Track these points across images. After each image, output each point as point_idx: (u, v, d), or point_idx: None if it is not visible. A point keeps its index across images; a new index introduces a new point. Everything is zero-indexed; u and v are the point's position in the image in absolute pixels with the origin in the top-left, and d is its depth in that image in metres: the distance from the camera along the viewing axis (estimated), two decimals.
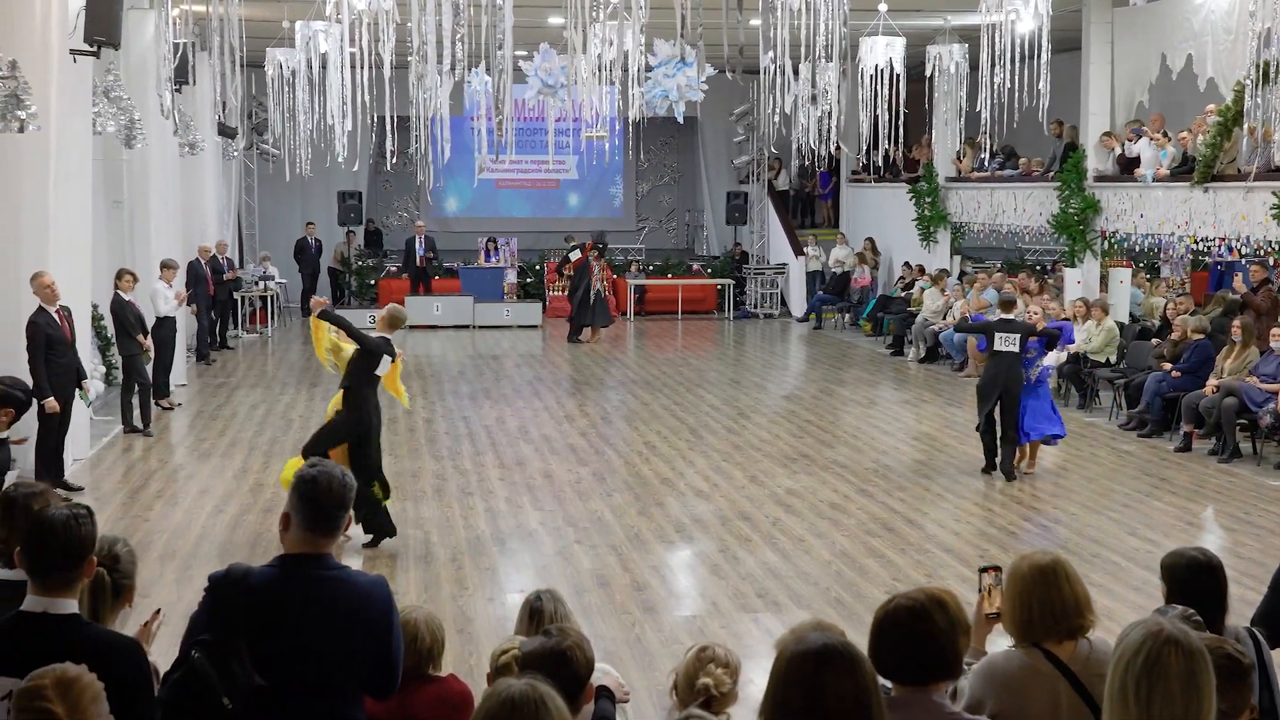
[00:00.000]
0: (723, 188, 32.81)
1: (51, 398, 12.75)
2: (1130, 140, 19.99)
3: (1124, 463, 15.04)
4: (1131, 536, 11.87)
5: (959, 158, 25.54)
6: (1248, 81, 15.15)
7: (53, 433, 12.85)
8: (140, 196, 18.98)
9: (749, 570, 10.81)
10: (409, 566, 10.89)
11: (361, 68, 14.15)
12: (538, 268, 30.54)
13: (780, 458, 15.11)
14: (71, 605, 4.25)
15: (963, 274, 24.86)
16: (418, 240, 28.79)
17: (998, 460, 14.09)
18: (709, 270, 31.46)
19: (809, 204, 33.77)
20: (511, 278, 29.65)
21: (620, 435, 16.60)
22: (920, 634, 3.89)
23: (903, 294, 25.54)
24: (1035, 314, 15.61)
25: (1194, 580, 4.95)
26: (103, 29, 13.45)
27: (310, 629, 4.39)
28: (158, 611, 5.14)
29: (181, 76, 17.36)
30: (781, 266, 30.78)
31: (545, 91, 15.54)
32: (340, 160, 15.27)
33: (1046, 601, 4.40)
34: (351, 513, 4.60)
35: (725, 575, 10.72)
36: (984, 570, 4.75)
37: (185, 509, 12.73)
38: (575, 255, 26.46)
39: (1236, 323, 15.89)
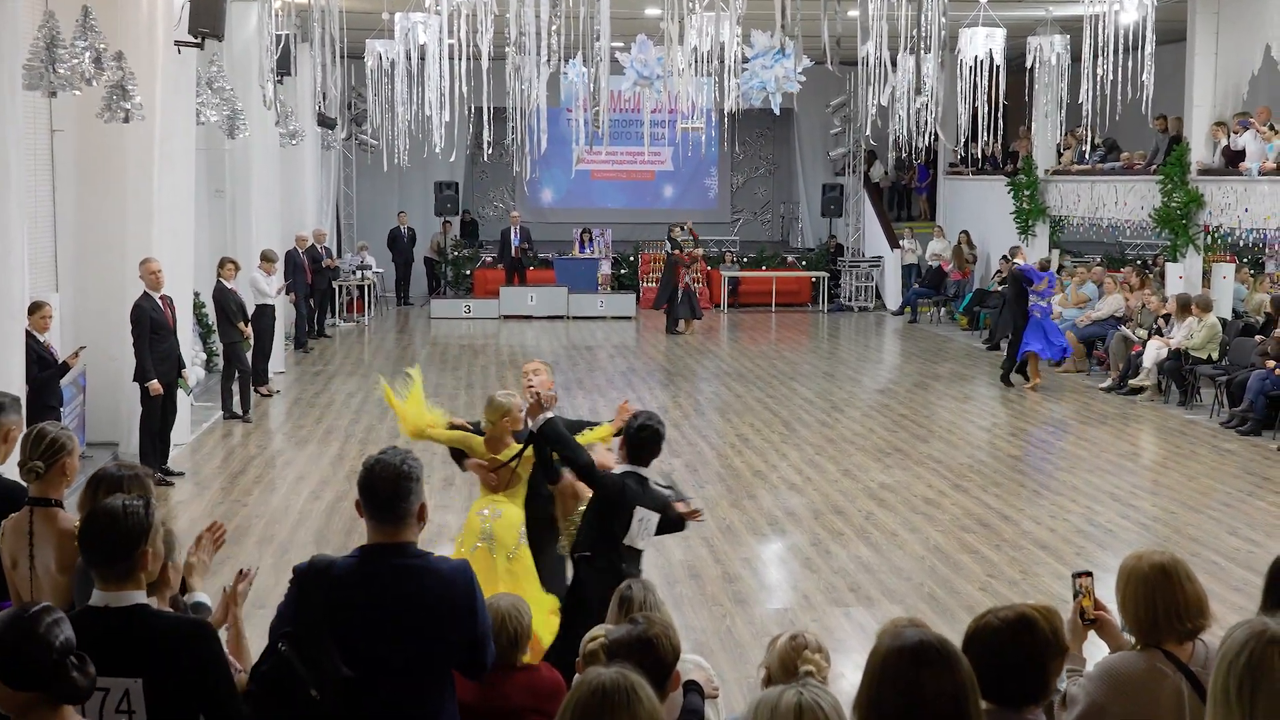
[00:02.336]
0: (818, 180, 32.58)
1: (155, 380, 13.00)
2: (1236, 133, 19.62)
3: (1225, 461, 14.78)
4: (1232, 536, 11.66)
5: (1059, 151, 25.19)
6: None
7: (155, 417, 13.09)
8: (241, 186, 19.28)
9: (841, 564, 10.76)
10: None
11: (459, 59, 14.24)
12: (632, 259, 30.52)
13: (874, 451, 15.01)
14: (136, 596, 4.11)
15: (1061, 268, 24.52)
16: (513, 231, 28.88)
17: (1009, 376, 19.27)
18: (803, 263, 31.29)
19: (905, 197, 33.51)
20: (606, 269, 29.69)
21: (713, 427, 16.58)
22: (1004, 657, 3.79)
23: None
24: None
25: None
26: (207, 21, 13.65)
27: (393, 618, 4.35)
28: (242, 572, 5.03)
29: (283, 68, 17.56)
30: (877, 259, 30.54)
31: (641, 83, 15.53)
32: (437, 151, 15.36)
33: (1171, 600, 4.28)
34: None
35: (817, 569, 10.67)
36: (1077, 575, 4.64)
37: (283, 494, 12.92)
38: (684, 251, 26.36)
39: None
